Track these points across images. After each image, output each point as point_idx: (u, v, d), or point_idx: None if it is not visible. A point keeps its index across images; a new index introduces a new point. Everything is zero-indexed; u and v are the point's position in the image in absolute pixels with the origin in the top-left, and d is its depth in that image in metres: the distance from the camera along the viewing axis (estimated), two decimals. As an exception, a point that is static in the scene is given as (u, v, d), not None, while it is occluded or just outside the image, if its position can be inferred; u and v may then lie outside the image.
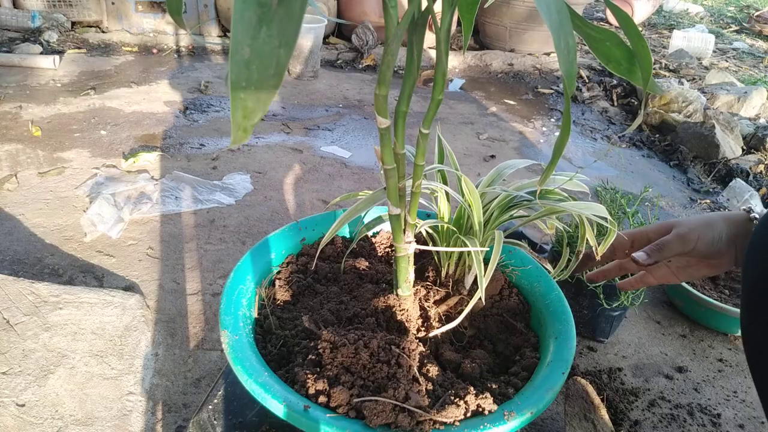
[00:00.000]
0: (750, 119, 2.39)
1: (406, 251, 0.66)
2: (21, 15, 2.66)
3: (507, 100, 2.63)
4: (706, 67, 3.30)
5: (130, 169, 1.62)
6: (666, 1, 4.98)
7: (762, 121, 2.43)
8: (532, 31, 3.16)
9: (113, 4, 2.81)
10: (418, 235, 0.72)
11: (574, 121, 2.45)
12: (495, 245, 0.66)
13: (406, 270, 0.68)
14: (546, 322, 0.72)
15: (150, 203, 1.45)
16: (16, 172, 1.54)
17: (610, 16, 4.15)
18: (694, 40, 3.47)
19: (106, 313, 1.01)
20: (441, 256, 0.76)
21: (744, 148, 2.15)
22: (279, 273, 0.79)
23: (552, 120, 2.43)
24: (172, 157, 1.73)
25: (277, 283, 0.77)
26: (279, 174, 1.69)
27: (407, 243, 0.65)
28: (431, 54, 2.96)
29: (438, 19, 0.49)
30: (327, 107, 2.30)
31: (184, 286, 1.19)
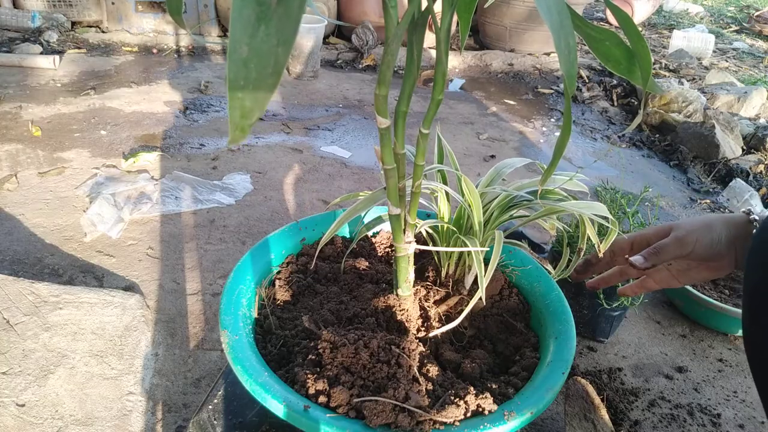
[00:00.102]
0: (750, 119, 2.39)
1: (406, 251, 0.66)
2: (21, 15, 2.66)
3: (507, 100, 2.63)
4: (706, 67, 3.30)
5: (130, 169, 1.62)
6: (666, 1, 4.98)
7: (762, 121, 2.43)
8: (532, 31, 3.16)
9: (113, 4, 2.81)
10: (418, 235, 0.72)
11: (574, 121, 2.45)
12: (495, 245, 0.66)
13: (406, 270, 0.68)
14: (546, 322, 0.72)
15: (150, 203, 1.45)
16: (16, 172, 1.54)
17: (610, 16, 4.15)
18: (694, 40, 3.47)
19: (106, 313, 1.01)
20: (441, 256, 0.76)
21: (744, 148, 2.15)
22: (279, 273, 0.79)
23: (552, 120, 2.43)
24: (172, 157, 1.73)
25: (277, 283, 0.77)
26: (279, 174, 1.69)
27: (407, 243, 0.65)
28: (431, 54, 2.96)
29: (438, 19, 0.49)
30: (327, 107, 2.30)
31: (184, 286, 1.19)
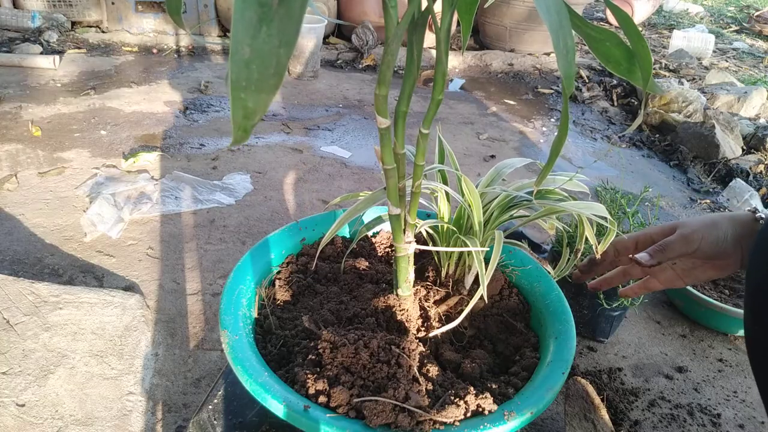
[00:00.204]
0: (750, 119, 2.39)
1: (406, 251, 0.66)
2: (21, 15, 2.66)
3: (507, 100, 2.63)
4: (706, 67, 3.30)
5: (130, 169, 1.62)
6: (666, 1, 4.98)
7: (762, 121, 2.43)
8: (532, 31, 3.16)
9: (113, 4, 2.81)
10: (418, 235, 0.72)
11: (574, 121, 2.45)
12: (495, 245, 0.66)
13: (406, 270, 0.68)
14: (546, 322, 0.72)
15: (150, 203, 1.45)
16: (16, 172, 1.54)
17: (610, 16, 4.15)
18: (694, 40, 3.47)
19: (106, 313, 1.01)
20: (441, 256, 0.76)
21: (744, 148, 2.15)
22: (279, 273, 0.79)
23: (552, 120, 2.43)
24: (172, 157, 1.73)
25: (277, 283, 0.77)
26: (279, 174, 1.69)
27: (407, 243, 0.65)
28: (431, 54, 2.96)
29: (438, 19, 0.49)
30: (327, 107, 2.30)
31: (184, 286, 1.19)
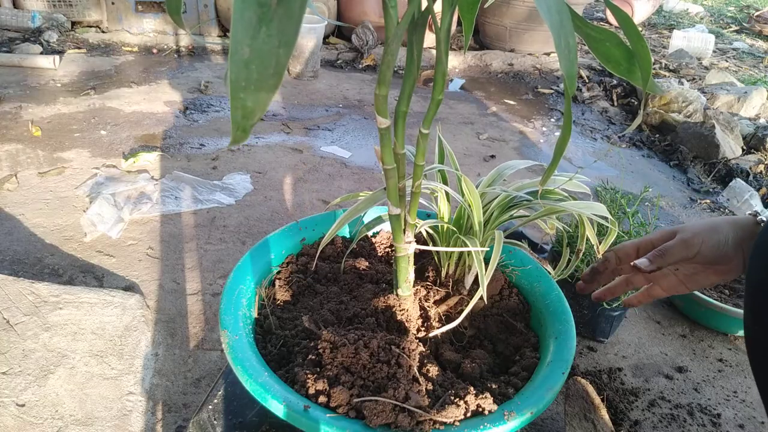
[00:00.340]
0: (750, 119, 2.39)
1: (406, 251, 0.66)
2: (21, 15, 2.66)
3: (507, 100, 2.63)
4: (706, 67, 3.30)
5: (130, 169, 1.62)
6: (666, 1, 4.98)
7: (762, 121, 2.43)
8: (532, 31, 3.16)
9: (113, 4, 2.81)
10: (418, 235, 0.72)
11: (574, 121, 2.45)
12: (495, 245, 0.66)
13: (406, 270, 0.68)
14: (546, 322, 0.72)
15: (150, 203, 1.45)
16: (16, 172, 1.54)
17: (610, 16, 4.15)
18: (694, 40, 3.47)
19: (106, 313, 1.01)
20: (441, 256, 0.76)
21: (744, 148, 2.15)
22: (279, 273, 0.79)
23: (552, 120, 2.43)
24: (172, 157, 1.73)
25: (277, 283, 0.77)
26: (279, 174, 1.69)
27: (407, 243, 0.65)
28: (431, 54, 2.96)
29: (438, 19, 0.49)
30: (327, 107, 2.30)
31: (184, 286, 1.19)
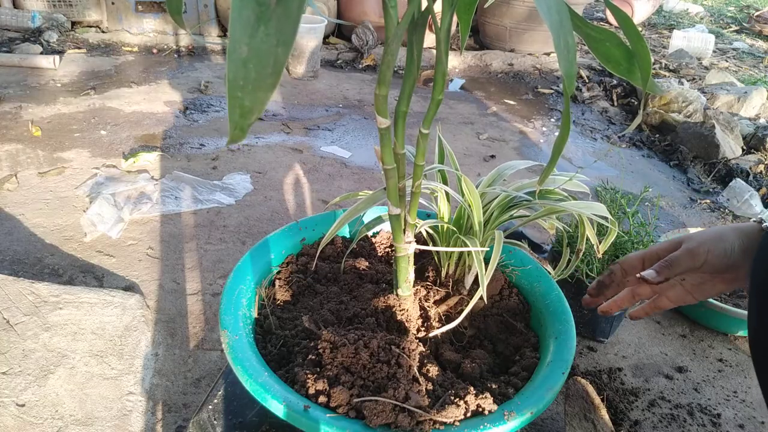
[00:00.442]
0: (750, 119, 2.39)
1: (406, 251, 0.66)
2: (21, 15, 2.66)
3: (507, 100, 2.63)
4: (706, 67, 3.30)
5: (130, 169, 1.62)
6: (666, 1, 4.98)
7: (762, 121, 2.43)
8: (532, 31, 3.16)
9: (113, 4, 2.81)
10: (418, 235, 0.72)
11: (574, 121, 2.45)
12: (495, 245, 0.66)
13: (406, 270, 0.68)
14: (546, 322, 0.72)
15: (150, 203, 1.45)
16: (16, 172, 1.54)
17: (610, 16, 4.15)
18: (694, 40, 3.47)
19: (106, 313, 1.01)
20: (441, 256, 0.76)
21: (744, 148, 2.15)
22: (279, 273, 0.79)
23: (552, 120, 2.43)
24: (172, 157, 1.73)
25: (277, 283, 0.77)
26: (279, 174, 1.69)
27: (407, 243, 0.65)
28: (431, 54, 2.96)
29: (438, 19, 0.49)
30: (327, 107, 2.30)
31: (184, 286, 1.19)
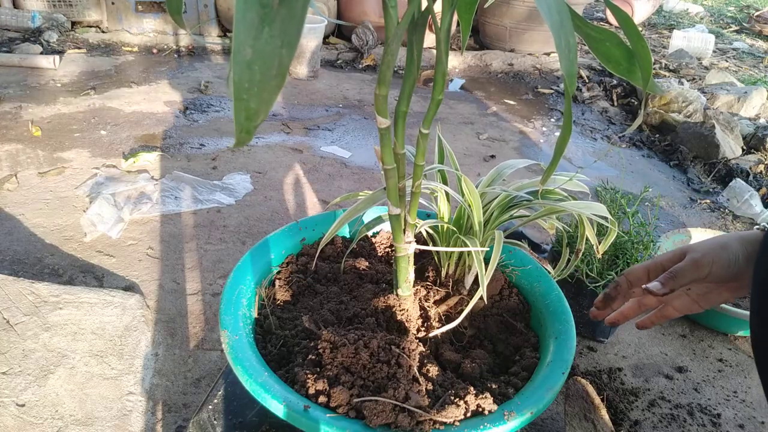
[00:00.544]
0: (750, 119, 2.39)
1: (406, 251, 0.66)
2: (21, 15, 2.66)
3: (507, 100, 2.63)
4: (706, 67, 3.30)
5: (130, 169, 1.62)
6: (666, 1, 4.98)
7: (762, 121, 2.43)
8: (532, 31, 3.16)
9: (113, 4, 2.81)
10: (418, 235, 0.72)
11: (574, 121, 2.45)
12: (495, 245, 0.66)
13: (406, 270, 0.68)
14: (546, 322, 0.72)
15: (150, 203, 1.45)
16: (16, 172, 1.54)
17: (610, 16, 4.15)
18: (694, 40, 3.47)
19: (106, 313, 1.01)
20: (441, 256, 0.76)
21: (744, 148, 2.15)
22: (279, 273, 0.79)
23: (552, 120, 2.43)
24: (172, 157, 1.73)
25: (277, 283, 0.77)
26: (279, 174, 1.69)
27: (407, 243, 0.65)
28: (431, 54, 2.96)
29: (438, 19, 0.49)
30: (327, 107, 2.30)
31: (184, 286, 1.19)
